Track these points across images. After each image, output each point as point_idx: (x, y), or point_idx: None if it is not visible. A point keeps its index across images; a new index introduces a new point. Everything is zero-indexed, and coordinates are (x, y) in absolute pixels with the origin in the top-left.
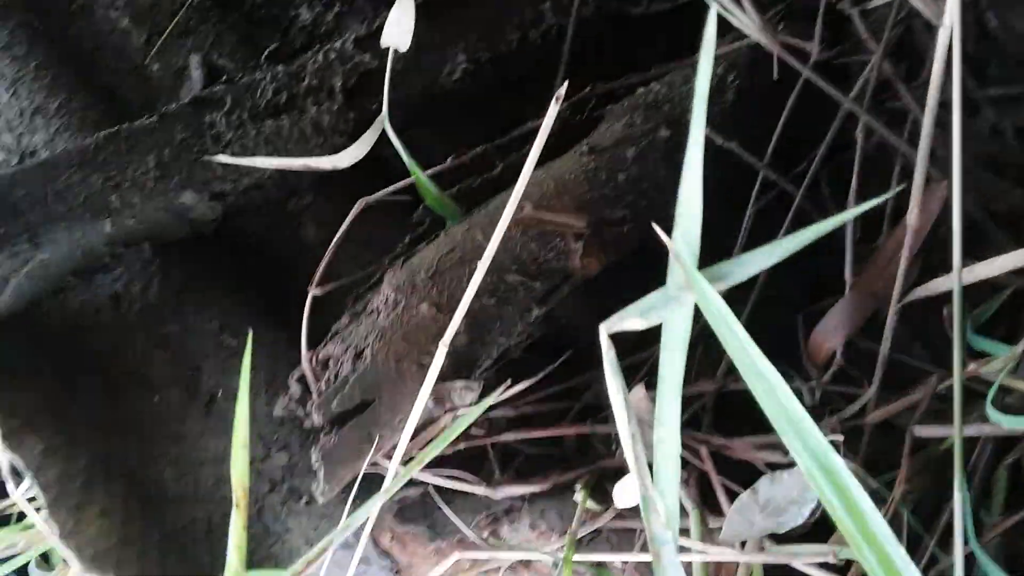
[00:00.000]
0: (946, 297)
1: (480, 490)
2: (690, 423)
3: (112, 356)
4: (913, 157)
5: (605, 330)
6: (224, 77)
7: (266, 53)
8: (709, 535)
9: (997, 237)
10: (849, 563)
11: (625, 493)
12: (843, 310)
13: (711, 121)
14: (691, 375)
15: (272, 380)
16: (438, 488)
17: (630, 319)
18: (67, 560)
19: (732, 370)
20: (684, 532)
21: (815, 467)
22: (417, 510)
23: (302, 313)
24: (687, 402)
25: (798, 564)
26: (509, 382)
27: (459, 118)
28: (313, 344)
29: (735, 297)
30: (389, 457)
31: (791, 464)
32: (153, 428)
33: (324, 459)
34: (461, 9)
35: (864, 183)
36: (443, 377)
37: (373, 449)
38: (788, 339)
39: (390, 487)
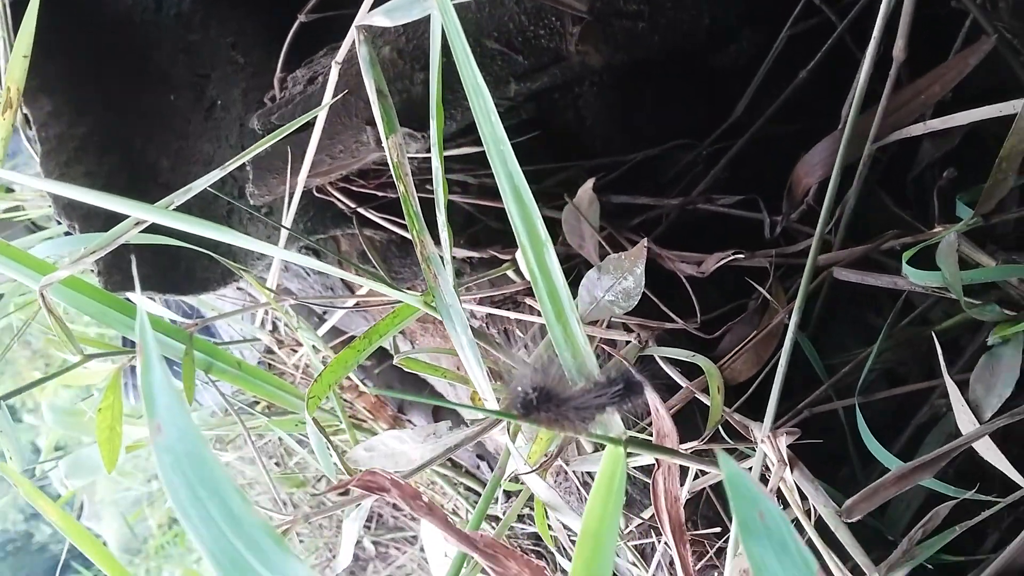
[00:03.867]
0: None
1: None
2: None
3: (144, 51)
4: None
5: (356, 23)
6: None
7: None
8: None
9: None
10: None
11: None
12: (829, 147)
13: None
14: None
15: (259, 99)
16: (391, 239)
17: (377, 16)
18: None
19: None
20: None
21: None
22: (379, 251)
23: (307, 44)
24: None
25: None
26: (459, 142)
27: None
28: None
29: None
30: (331, 184)
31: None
32: (165, 122)
33: (254, 164)
34: None
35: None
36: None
37: (305, 166)
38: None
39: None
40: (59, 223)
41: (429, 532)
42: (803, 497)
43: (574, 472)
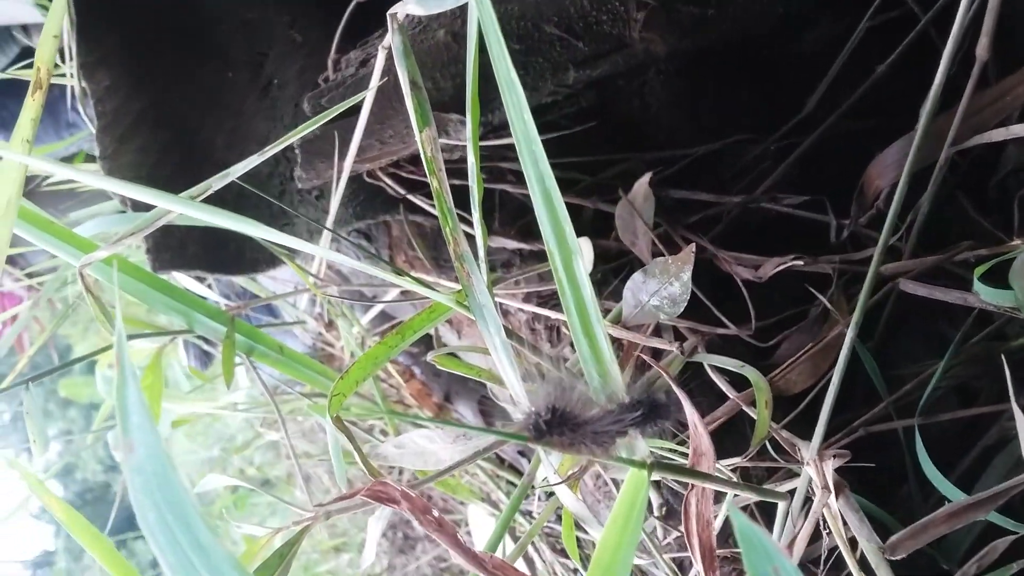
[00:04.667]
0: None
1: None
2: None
3: (203, 28)
4: None
5: (390, 12)
6: None
7: None
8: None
9: None
10: None
11: None
12: (904, 148)
13: None
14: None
15: (315, 79)
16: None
17: (411, 4)
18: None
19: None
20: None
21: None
22: (428, 238)
23: (365, 25)
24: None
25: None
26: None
27: None
28: None
29: None
30: (382, 170)
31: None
32: (220, 99)
33: (302, 148)
34: None
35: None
36: (443, 108)
37: (352, 150)
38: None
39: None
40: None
41: (476, 517)
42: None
43: (612, 479)
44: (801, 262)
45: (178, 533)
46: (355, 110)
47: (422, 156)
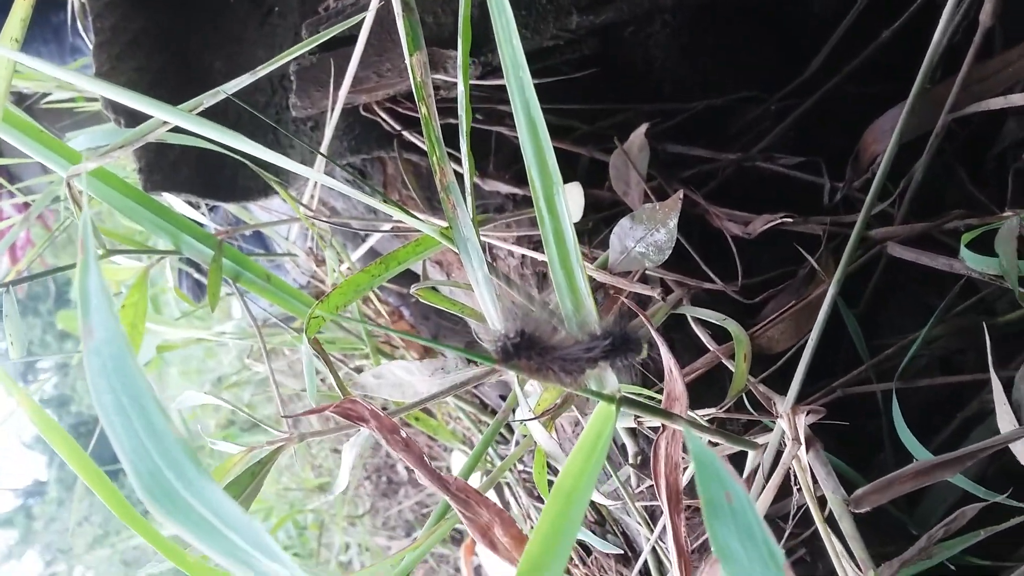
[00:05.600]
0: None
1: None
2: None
3: None
4: None
5: None
6: None
7: None
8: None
9: None
10: None
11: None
12: (899, 114)
13: None
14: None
15: (316, 7)
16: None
17: None
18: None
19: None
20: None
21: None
22: (423, 177)
23: None
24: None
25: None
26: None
27: None
28: None
29: None
30: (376, 101)
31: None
32: (220, 25)
33: (298, 75)
34: None
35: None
36: (444, 44)
37: (347, 80)
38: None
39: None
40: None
41: (457, 461)
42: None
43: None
44: (791, 220)
45: (133, 415)
46: (354, 41)
47: (411, 81)
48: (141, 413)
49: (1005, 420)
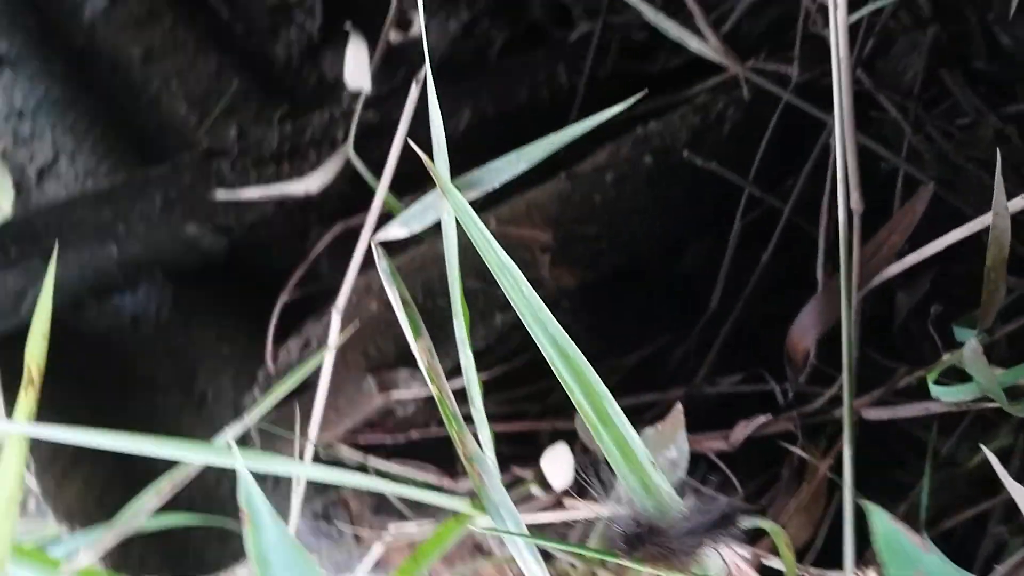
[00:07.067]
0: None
1: (443, 482)
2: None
3: (128, 364)
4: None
5: (376, 240)
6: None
7: (278, 116)
8: None
9: None
10: None
11: (554, 473)
12: (815, 309)
13: (707, 149)
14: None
15: (249, 381)
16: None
17: (394, 228)
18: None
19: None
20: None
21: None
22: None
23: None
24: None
25: None
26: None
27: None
28: None
29: None
30: (341, 440)
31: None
32: (154, 422)
33: (260, 432)
34: (476, 70)
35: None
36: (389, 366)
37: (314, 425)
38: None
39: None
40: None
41: None
42: None
43: None
44: (764, 420)
45: None
46: (305, 390)
47: (420, 365)
48: None
49: None
